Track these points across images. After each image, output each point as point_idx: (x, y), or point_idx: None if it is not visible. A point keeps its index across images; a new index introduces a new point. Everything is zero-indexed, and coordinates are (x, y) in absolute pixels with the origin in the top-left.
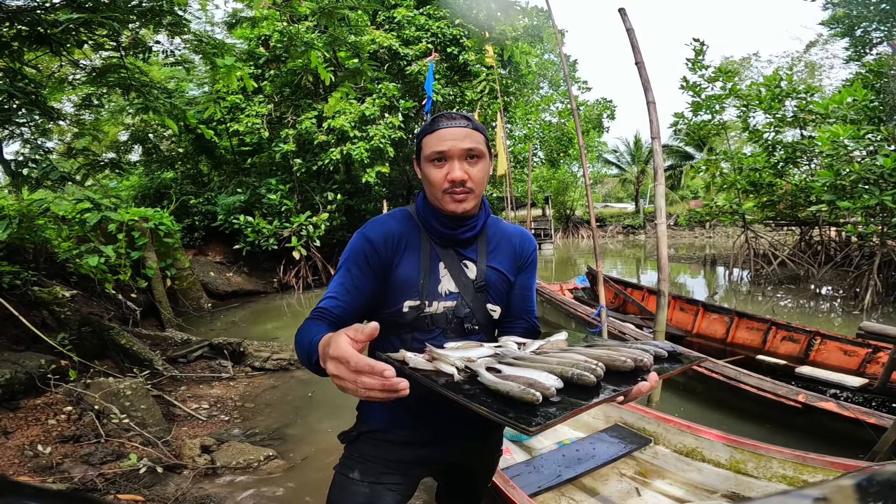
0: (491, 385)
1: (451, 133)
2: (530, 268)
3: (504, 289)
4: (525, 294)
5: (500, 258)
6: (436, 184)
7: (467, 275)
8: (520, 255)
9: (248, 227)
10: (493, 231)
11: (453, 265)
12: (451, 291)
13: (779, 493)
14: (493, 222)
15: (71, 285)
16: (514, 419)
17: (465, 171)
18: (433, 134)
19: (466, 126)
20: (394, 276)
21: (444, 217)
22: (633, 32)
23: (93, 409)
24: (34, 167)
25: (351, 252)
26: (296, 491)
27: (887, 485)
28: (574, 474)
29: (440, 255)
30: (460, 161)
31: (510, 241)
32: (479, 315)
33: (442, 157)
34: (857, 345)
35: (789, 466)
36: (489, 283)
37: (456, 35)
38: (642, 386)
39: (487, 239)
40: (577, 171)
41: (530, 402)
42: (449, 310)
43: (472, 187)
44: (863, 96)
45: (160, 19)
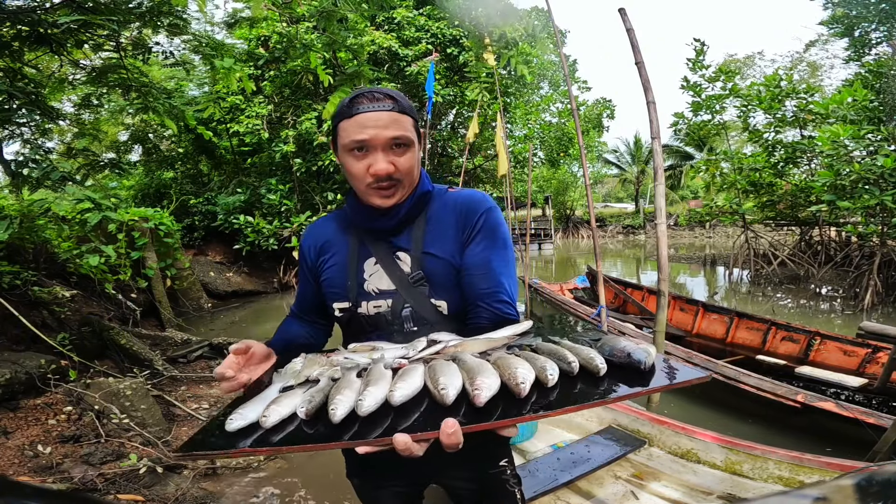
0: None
1: (372, 119)
2: (480, 237)
3: (451, 277)
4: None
5: (439, 240)
6: (357, 176)
7: (401, 269)
8: (463, 227)
9: (248, 227)
10: (434, 209)
11: (385, 260)
12: (381, 290)
13: (778, 493)
14: (437, 198)
15: (71, 285)
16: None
17: (390, 161)
18: (352, 119)
19: (392, 109)
20: (321, 280)
21: (365, 209)
22: (633, 32)
23: (93, 409)
24: (34, 167)
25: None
26: (296, 491)
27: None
28: (570, 478)
29: (372, 251)
30: (384, 151)
31: (452, 215)
32: (424, 312)
33: (363, 146)
34: (857, 345)
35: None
36: (428, 273)
37: (456, 36)
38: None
39: (427, 220)
40: (577, 171)
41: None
42: (385, 310)
43: (399, 178)
44: (863, 96)
45: (160, 20)
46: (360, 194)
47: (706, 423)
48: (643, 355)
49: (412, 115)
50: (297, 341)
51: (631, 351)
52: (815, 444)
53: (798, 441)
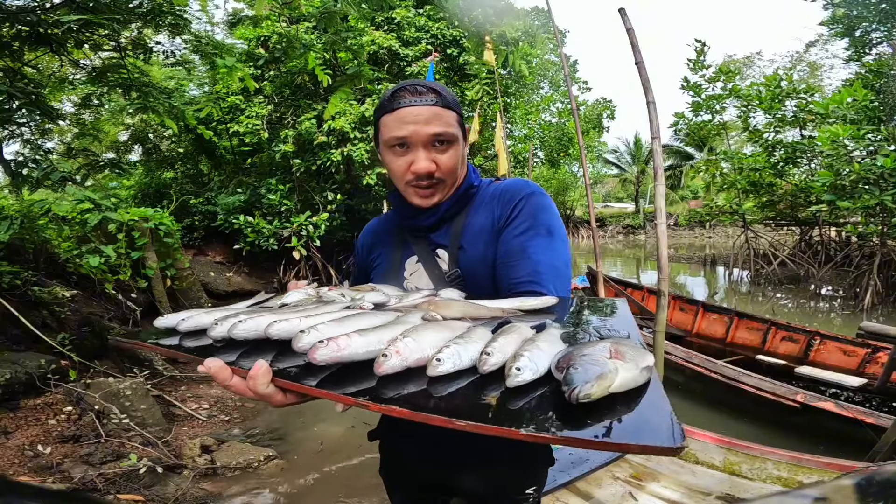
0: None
1: (413, 114)
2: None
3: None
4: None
5: (478, 235)
6: (397, 174)
7: (440, 266)
8: (500, 215)
9: (248, 227)
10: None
11: (426, 258)
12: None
13: (778, 493)
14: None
15: (71, 285)
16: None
17: (431, 159)
18: (393, 114)
19: (434, 104)
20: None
21: (406, 207)
22: (633, 32)
23: (93, 409)
24: (34, 167)
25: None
26: (295, 491)
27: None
28: (569, 479)
29: (413, 248)
30: (426, 148)
31: (491, 206)
32: None
33: (403, 143)
34: (857, 345)
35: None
36: (465, 272)
37: (456, 36)
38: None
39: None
40: (577, 171)
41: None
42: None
43: (441, 178)
44: (863, 96)
45: (161, 20)
46: (401, 192)
47: (705, 422)
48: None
49: (456, 110)
50: None
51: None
52: (814, 444)
53: (797, 441)
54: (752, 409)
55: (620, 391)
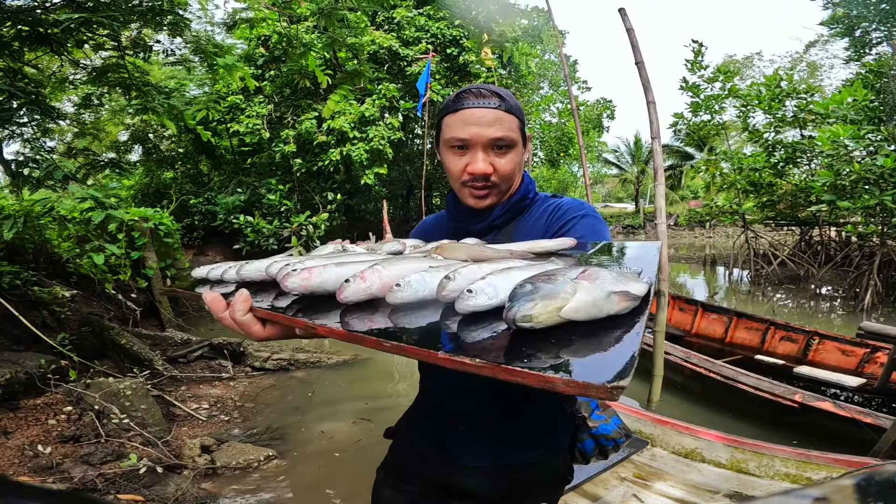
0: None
1: (476, 116)
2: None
3: None
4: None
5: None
6: (454, 174)
7: None
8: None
9: (248, 226)
10: (534, 215)
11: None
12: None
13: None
14: (538, 204)
15: (71, 285)
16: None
17: (489, 163)
18: (456, 114)
19: (498, 107)
20: None
21: (460, 208)
22: (633, 32)
23: (93, 409)
24: (35, 167)
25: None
26: (295, 491)
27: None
28: (576, 482)
29: None
30: (485, 151)
31: (543, 220)
32: None
33: (464, 144)
34: (856, 345)
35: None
36: None
37: (456, 36)
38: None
39: (520, 226)
40: (578, 171)
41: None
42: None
43: (496, 182)
44: (863, 96)
45: (160, 19)
46: (456, 193)
47: (704, 422)
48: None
49: (519, 116)
50: None
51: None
52: (813, 445)
53: (796, 440)
54: (750, 408)
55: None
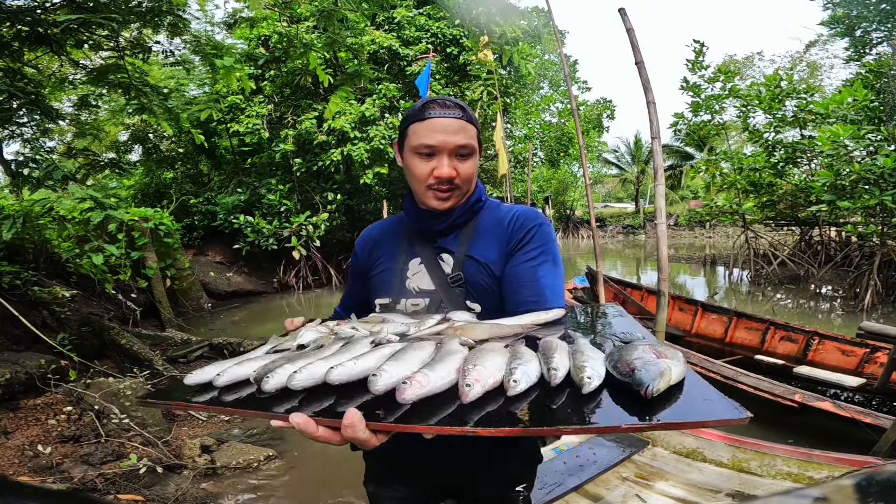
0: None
1: (443, 125)
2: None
3: (487, 282)
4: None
5: (485, 247)
6: (419, 178)
7: (443, 270)
8: (510, 238)
9: (248, 226)
10: (486, 217)
11: (429, 260)
12: (422, 289)
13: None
14: (490, 208)
15: (71, 285)
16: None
17: (454, 167)
18: (423, 123)
19: (461, 117)
20: (370, 276)
21: (419, 211)
22: (633, 32)
23: (93, 409)
24: (35, 167)
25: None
26: (296, 491)
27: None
28: (578, 482)
29: (418, 251)
30: (450, 157)
31: (501, 226)
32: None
33: (432, 151)
34: (855, 345)
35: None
36: (467, 276)
37: (456, 35)
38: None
39: (475, 227)
40: (577, 171)
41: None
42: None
43: (459, 184)
44: (863, 96)
45: (160, 20)
46: (418, 195)
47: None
48: (650, 377)
49: (477, 126)
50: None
51: (638, 367)
52: (812, 445)
53: (795, 440)
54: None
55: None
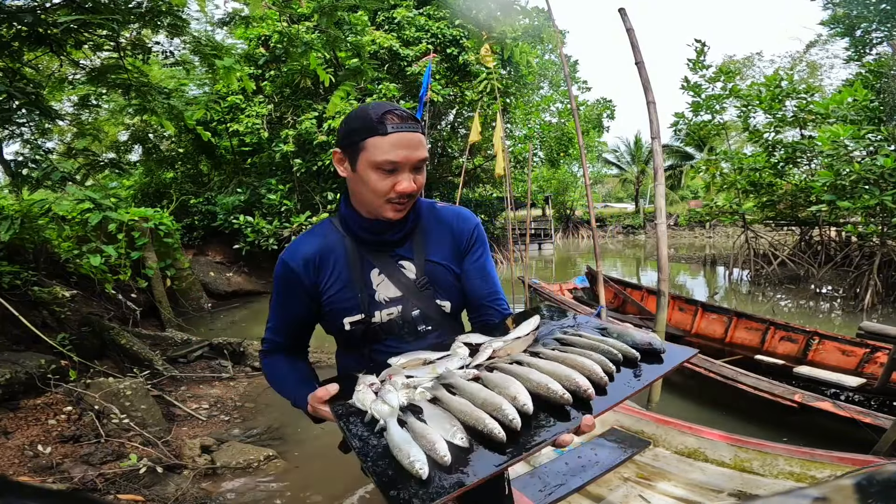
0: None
1: (405, 140)
2: (476, 247)
3: (451, 280)
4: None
5: (438, 249)
6: (379, 192)
7: (406, 276)
8: (458, 239)
9: (248, 227)
10: (427, 221)
11: (389, 269)
12: (391, 298)
13: (779, 493)
14: (426, 211)
15: (71, 285)
16: (394, 499)
17: (413, 180)
18: (385, 138)
19: (417, 131)
20: (325, 298)
21: (372, 223)
22: (633, 32)
23: (93, 409)
24: (34, 167)
25: (276, 280)
26: (296, 491)
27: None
28: (581, 483)
29: (373, 262)
30: (410, 171)
31: (447, 227)
32: (431, 313)
33: (395, 167)
34: (855, 345)
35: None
36: (432, 278)
37: (456, 35)
38: (564, 438)
39: (423, 231)
40: (577, 171)
41: (417, 477)
42: (396, 316)
43: (415, 196)
44: (863, 96)
45: (160, 20)
46: (373, 207)
47: (704, 423)
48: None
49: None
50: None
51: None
52: (812, 445)
53: (795, 440)
54: (749, 408)
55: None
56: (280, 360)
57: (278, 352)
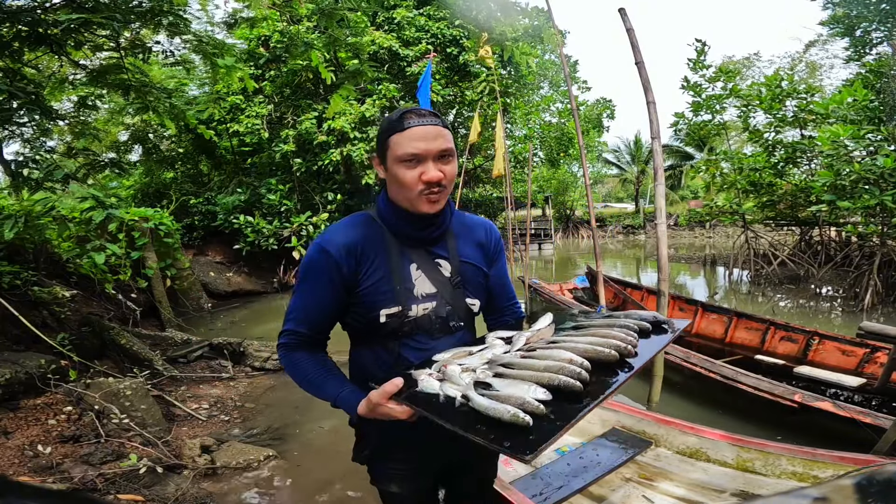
0: (483, 410)
1: (423, 132)
2: (500, 256)
3: (480, 281)
4: (503, 283)
5: (469, 251)
6: (409, 185)
7: (443, 273)
8: (487, 247)
9: (248, 227)
10: (457, 225)
11: (427, 265)
12: (427, 293)
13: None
14: (457, 216)
15: (71, 285)
16: (511, 448)
17: (439, 169)
18: (403, 133)
19: (437, 124)
20: (362, 288)
21: (413, 218)
22: (633, 32)
23: (93, 409)
24: (35, 167)
25: (311, 267)
26: (296, 491)
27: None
28: (583, 483)
29: (411, 257)
30: (434, 161)
31: (475, 233)
32: (460, 311)
33: (416, 158)
34: (855, 345)
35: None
36: (465, 277)
37: (456, 36)
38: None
39: (454, 233)
40: (577, 171)
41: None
42: (430, 312)
43: (445, 185)
44: (863, 96)
45: (160, 19)
46: (409, 203)
47: (705, 423)
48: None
49: (450, 130)
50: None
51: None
52: (811, 445)
53: (795, 440)
54: (749, 408)
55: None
56: (304, 357)
57: (300, 347)
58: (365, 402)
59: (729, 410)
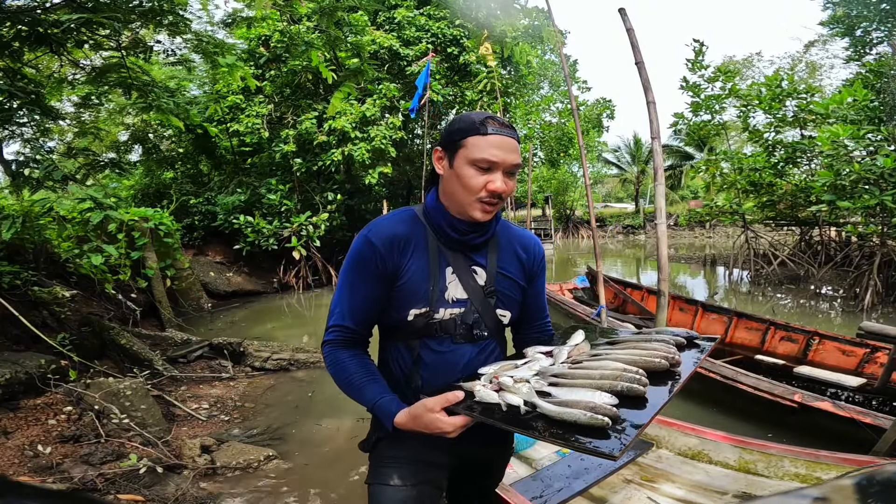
0: (556, 415)
1: (502, 142)
2: (541, 273)
3: (514, 294)
4: (540, 299)
5: (509, 263)
6: (472, 189)
7: (477, 280)
8: (530, 261)
9: (248, 227)
10: (502, 235)
11: (462, 270)
12: (458, 298)
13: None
14: (503, 226)
15: (71, 285)
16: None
17: (505, 182)
18: (485, 138)
19: (515, 138)
20: (400, 283)
21: (458, 222)
22: (633, 32)
23: (93, 409)
24: (35, 167)
25: (357, 258)
26: (296, 491)
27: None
28: (584, 485)
29: (449, 260)
30: (504, 173)
31: (518, 246)
32: (488, 321)
33: (491, 166)
34: (855, 345)
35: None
36: (499, 288)
37: (456, 35)
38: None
39: (497, 243)
40: (577, 171)
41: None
42: (457, 317)
43: (504, 199)
44: (863, 96)
45: (161, 19)
46: (463, 205)
47: (704, 423)
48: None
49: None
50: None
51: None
52: (811, 445)
53: (795, 441)
54: (749, 408)
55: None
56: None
57: (345, 345)
58: (410, 409)
59: (729, 410)
